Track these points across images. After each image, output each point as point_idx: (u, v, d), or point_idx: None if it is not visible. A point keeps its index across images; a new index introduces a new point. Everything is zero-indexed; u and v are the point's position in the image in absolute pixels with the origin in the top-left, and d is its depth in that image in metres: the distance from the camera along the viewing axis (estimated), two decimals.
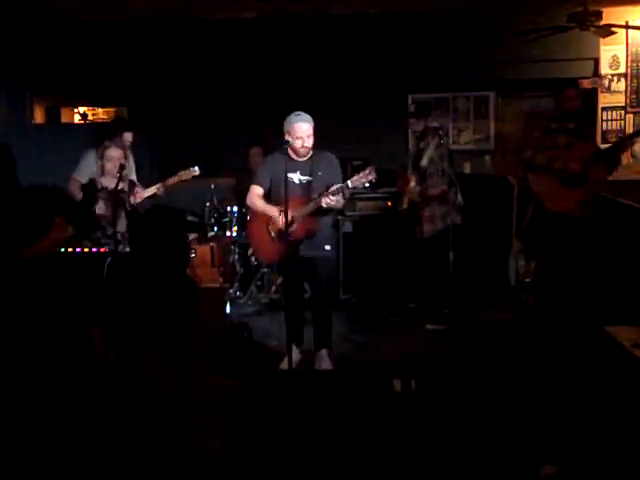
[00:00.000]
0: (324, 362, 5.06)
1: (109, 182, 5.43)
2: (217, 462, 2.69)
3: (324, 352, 5.09)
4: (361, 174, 4.84)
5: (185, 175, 6.16)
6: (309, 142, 4.98)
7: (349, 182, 4.85)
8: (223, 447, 2.76)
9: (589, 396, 4.04)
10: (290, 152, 5.00)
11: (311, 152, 5.06)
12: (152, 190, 6.19)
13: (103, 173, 5.47)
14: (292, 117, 4.98)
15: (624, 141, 5.82)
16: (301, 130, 4.94)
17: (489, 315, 6.29)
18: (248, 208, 5.67)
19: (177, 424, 2.63)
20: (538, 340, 5.22)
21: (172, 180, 6.02)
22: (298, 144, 4.96)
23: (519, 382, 4.52)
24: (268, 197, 5.14)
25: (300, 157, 5.03)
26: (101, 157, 5.47)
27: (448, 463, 3.65)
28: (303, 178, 5.04)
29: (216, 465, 2.69)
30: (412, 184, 6.09)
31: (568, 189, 5.32)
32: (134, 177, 6.32)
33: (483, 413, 4.13)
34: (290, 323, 5.18)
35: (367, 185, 4.95)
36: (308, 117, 4.99)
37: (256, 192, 5.15)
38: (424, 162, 6.03)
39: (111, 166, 5.44)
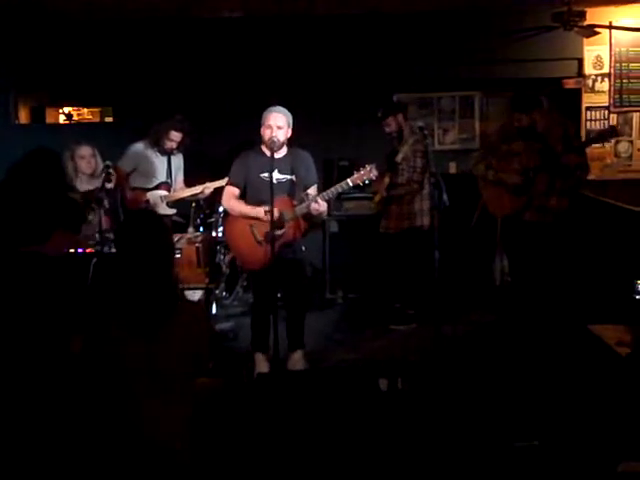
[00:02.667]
0: (299, 363, 5.04)
1: (85, 183, 5.39)
2: (184, 464, 2.70)
3: (300, 353, 5.06)
4: (362, 172, 4.72)
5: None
6: (278, 134, 4.75)
7: (349, 180, 4.73)
8: (203, 448, 2.76)
9: (575, 393, 4.07)
10: (264, 149, 4.84)
11: (286, 149, 4.91)
12: (193, 190, 6.17)
13: (77, 174, 5.40)
14: (268, 109, 4.86)
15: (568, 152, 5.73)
16: (270, 119, 4.78)
17: (474, 315, 6.32)
18: (225, 211, 5.43)
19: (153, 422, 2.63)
20: (523, 340, 5.25)
21: (217, 183, 6.00)
22: (267, 134, 4.76)
23: (505, 381, 4.54)
24: (243, 197, 4.96)
25: (275, 154, 4.72)
26: (72, 158, 5.39)
27: (435, 461, 3.67)
28: (281, 177, 4.82)
29: (184, 468, 2.70)
30: (386, 180, 6.11)
31: (512, 197, 5.36)
32: (181, 178, 6.32)
33: (469, 412, 4.15)
34: (258, 331, 5.06)
35: (367, 183, 4.83)
36: (282, 109, 4.84)
37: (232, 192, 4.96)
38: (398, 158, 6.07)
39: (85, 165, 5.37)
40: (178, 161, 6.31)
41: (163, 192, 6.08)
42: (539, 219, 5.30)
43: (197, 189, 6.18)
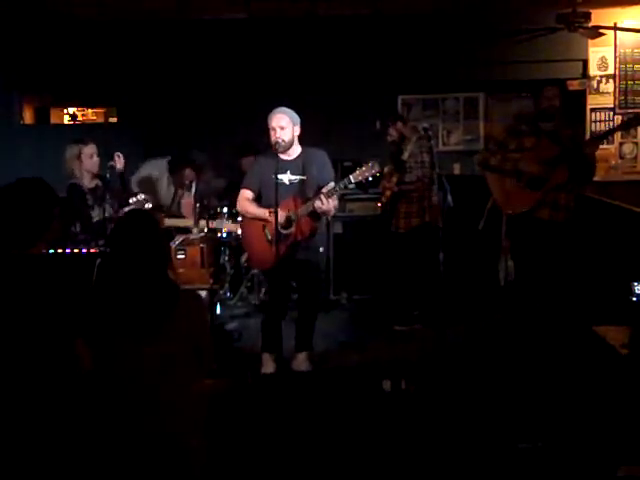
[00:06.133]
0: (304, 363, 5.05)
1: (87, 182, 5.39)
2: (200, 462, 2.71)
3: (305, 354, 5.07)
4: (364, 168, 4.66)
5: None
6: (282, 134, 4.79)
7: (351, 177, 4.68)
8: (208, 447, 2.77)
9: (579, 395, 4.06)
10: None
11: (300, 150, 4.94)
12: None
13: (82, 173, 5.39)
14: (272, 111, 4.88)
15: (593, 140, 5.80)
16: (273, 121, 4.82)
17: (478, 316, 6.31)
18: (239, 213, 5.45)
19: (161, 424, 2.63)
20: (527, 340, 5.24)
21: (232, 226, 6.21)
22: (272, 136, 4.81)
23: (508, 383, 4.53)
24: (259, 200, 4.99)
25: (286, 155, 4.84)
26: (78, 157, 5.39)
27: (438, 462, 3.66)
28: (293, 178, 4.85)
29: (200, 465, 2.70)
30: (394, 179, 6.10)
31: (527, 191, 5.23)
32: (187, 200, 6.44)
33: (472, 413, 4.15)
34: (268, 331, 5.07)
35: (370, 179, 4.76)
36: (285, 109, 4.86)
37: (246, 196, 5.00)
38: (404, 156, 6.05)
39: (92, 164, 5.37)
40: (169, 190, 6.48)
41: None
42: (551, 217, 5.20)
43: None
